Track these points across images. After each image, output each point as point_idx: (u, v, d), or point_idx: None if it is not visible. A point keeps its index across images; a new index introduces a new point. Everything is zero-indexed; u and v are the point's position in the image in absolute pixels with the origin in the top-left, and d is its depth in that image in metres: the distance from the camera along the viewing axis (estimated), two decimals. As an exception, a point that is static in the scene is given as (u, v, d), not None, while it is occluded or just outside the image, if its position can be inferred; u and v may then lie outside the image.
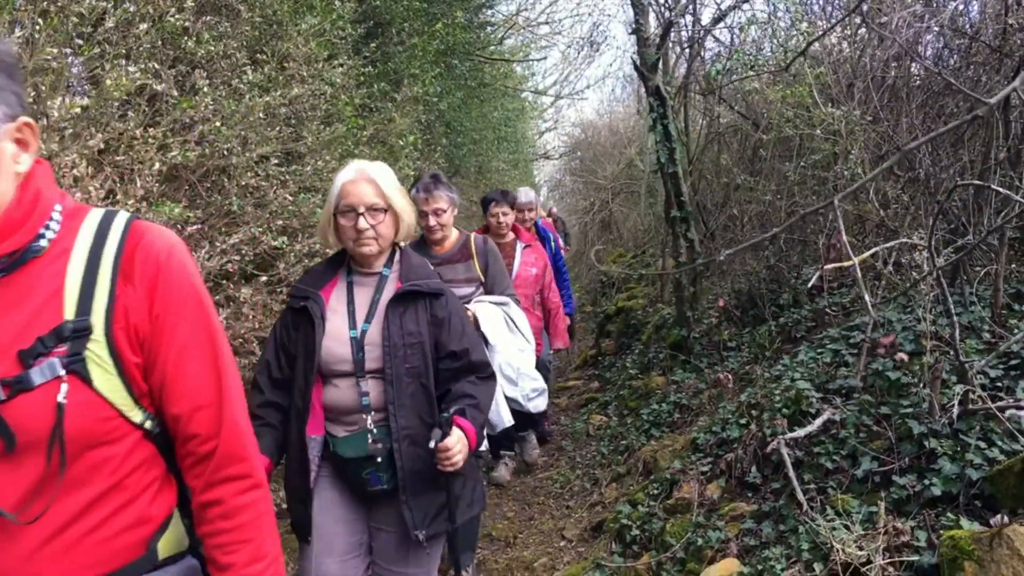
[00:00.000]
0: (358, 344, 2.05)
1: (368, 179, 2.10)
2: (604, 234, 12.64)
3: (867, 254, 2.48)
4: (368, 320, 2.09)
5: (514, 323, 3.05)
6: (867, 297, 2.44)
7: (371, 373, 2.05)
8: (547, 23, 13.17)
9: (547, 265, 4.53)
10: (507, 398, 2.87)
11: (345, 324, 2.09)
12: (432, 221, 3.16)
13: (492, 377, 2.23)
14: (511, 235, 4.39)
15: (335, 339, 2.06)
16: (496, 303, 3.06)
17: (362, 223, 2.06)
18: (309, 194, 3.84)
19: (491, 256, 3.31)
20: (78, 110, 2.17)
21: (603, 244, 12.46)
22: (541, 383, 3.08)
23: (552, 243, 5.23)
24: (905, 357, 2.73)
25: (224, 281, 3.32)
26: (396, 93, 5.36)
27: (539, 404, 3.08)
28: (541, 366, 4.88)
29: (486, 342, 2.86)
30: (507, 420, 2.77)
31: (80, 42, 2.33)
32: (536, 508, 4.56)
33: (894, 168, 4.27)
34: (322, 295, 2.11)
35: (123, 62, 2.48)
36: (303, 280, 2.20)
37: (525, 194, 5.26)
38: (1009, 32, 3.40)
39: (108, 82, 2.34)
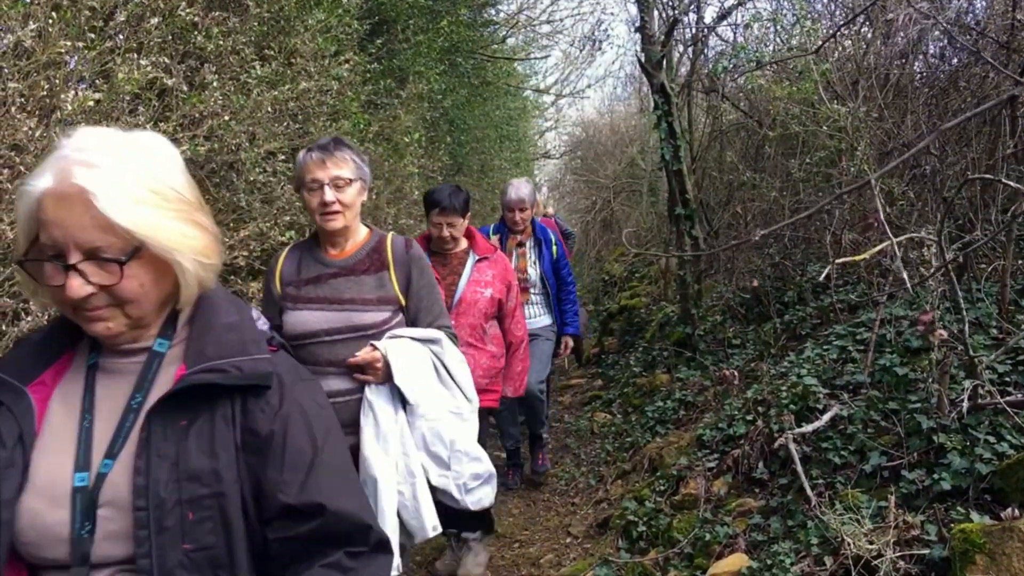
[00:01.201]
0: (86, 504, 1.03)
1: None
2: (605, 233, 12.64)
3: (878, 248, 2.49)
4: (113, 451, 1.06)
5: (447, 371, 2.25)
6: (905, 277, 2.43)
7: (111, 568, 1.03)
8: (549, 22, 13.18)
9: (511, 287, 3.47)
10: (433, 488, 2.19)
11: (68, 460, 1.06)
12: (329, 196, 2.14)
13: (381, 551, 1.14)
14: (463, 242, 3.39)
15: (44, 494, 1.04)
16: (422, 339, 2.22)
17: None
18: (316, 190, 3.84)
19: (417, 268, 2.34)
20: (92, 104, 2.17)
21: (604, 243, 12.48)
22: (485, 465, 2.32)
23: (554, 246, 4.57)
24: (944, 334, 2.71)
25: (232, 276, 3.33)
26: (401, 90, 5.37)
27: (482, 497, 2.30)
28: (531, 400, 4.45)
29: (403, 401, 2.12)
30: (429, 527, 2.14)
31: (92, 36, 2.34)
32: (542, 505, 4.57)
33: (900, 164, 4.27)
34: (32, 394, 1.09)
35: (134, 56, 2.48)
36: (4, 360, 1.15)
37: (517, 189, 4.37)
38: (1017, 28, 3.41)
39: (120, 76, 2.35)
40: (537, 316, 4.53)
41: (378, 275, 2.28)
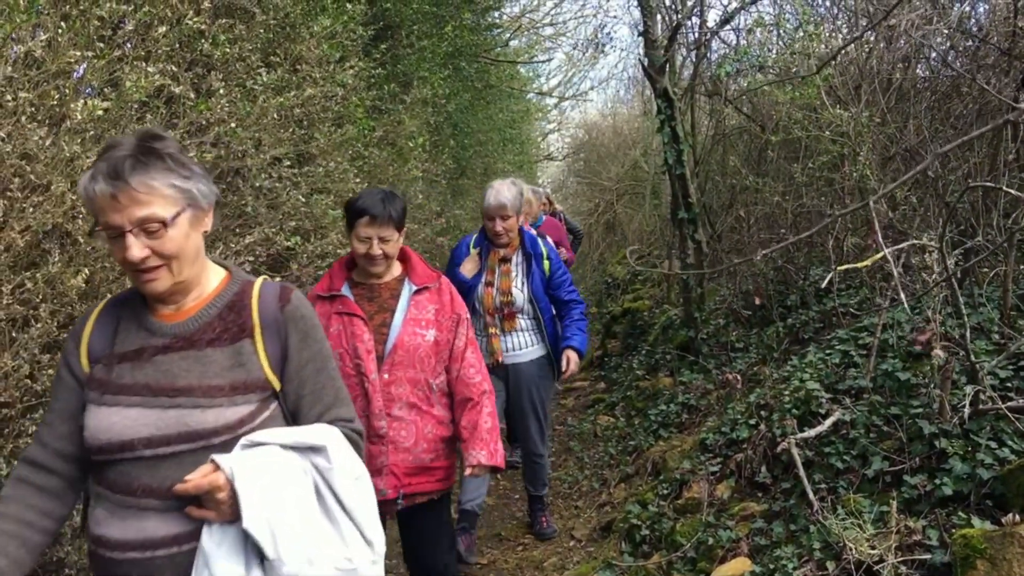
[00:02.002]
0: None
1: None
2: (609, 235, 12.66)
3: (878, 256, 2.50)
4: None
5: (337, 498, 1.44)
6: (902, 297, 2.45)
7: None
8: (552, 24, 13.22)
9: (461, 322, 2.61)
10: None
11: None
12: (135, 251, 1.35)
13: None
14: (396, 268, 2.61)
15: None
16: (298, 447, 1.44)
17: None
18: (321, 195, 3.88)
19: (297, 331, 1.54)
20: (100, 112, 2.20)
21: (607, 245, 12.50)
22: None
23: (546, 261, 3.76)
24: (942, 353, 2.74)
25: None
26: (405, 95, 5.39)
27: None
28: (529, 462, 3.89)
29: (261, 557, 1.34)
30: None
31: (101, 45, 2.36)
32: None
33: (902, 169, 4.29)
34: None
35: (142, 64, 2.51)
36: None
37: (497, 192, 3.57)
38: (1018, 35, 3.42)
39: (128, 84, 2.37)
40: (526, 346, 3.72)
41: (235, 346, 1.47)
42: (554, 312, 3.80)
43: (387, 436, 2.45)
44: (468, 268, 3.63)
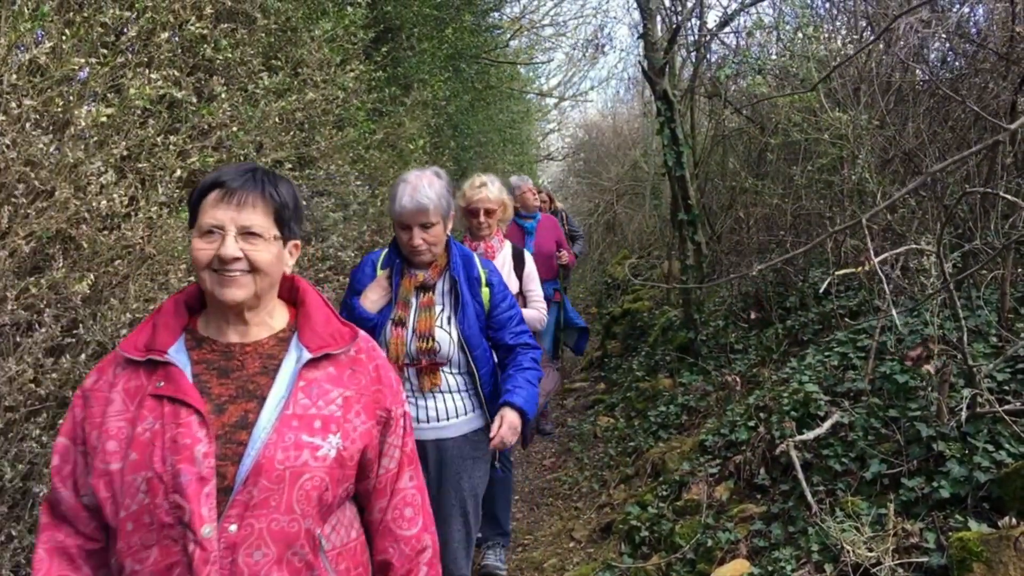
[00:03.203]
0: None
1: None
2: (609, 236, 12.68)
3: (878, 259, 2.52)
4: None
5: None
6: (895, 313, 2.46)
7: None
8: (551, 25, 13.24)
9: (396, 424, 1.52)
10: None
11: None
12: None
13: None
14: (278, 314, 1.50)
15: None
16: None
17: None
18: (322, 198, 3.89)
19: None
20: (104, 119, 2.22)
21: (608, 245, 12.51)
22: None
23: (486, 287, 2.61)
24: (932, 369, 2.76)
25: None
26: (406, 97, 5.41)
27: None
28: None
29: None
30: None
31: (104, 52, 2.38)
32: (545, 509, 4.60)
33: (901, 171, 4.31)
34: None
35: (145, 70, 2.53)
36: None
37: (414, 191, 2.40)
38: (1016, 39, 3.44)
39: (131, 91, 2.39)
40: (455, 415, 2.56)
41: None
42: (495, 363, 2.66)
43: None
44: (372, 299, 2.47)
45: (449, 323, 2.48)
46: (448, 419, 2.54)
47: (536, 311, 3.64)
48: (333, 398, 1.40)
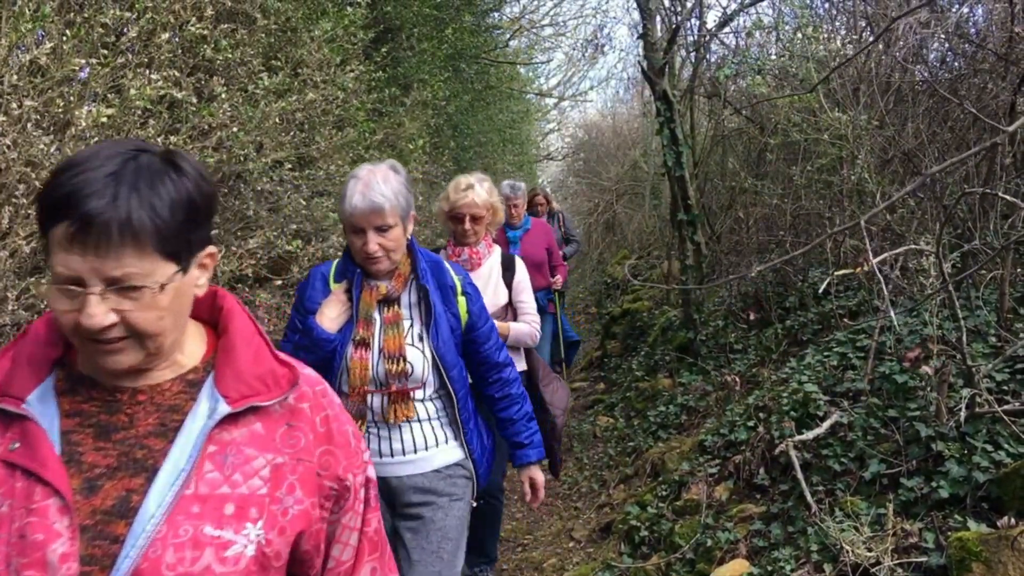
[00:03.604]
0: None
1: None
2: (608, 235, 12.68)
3: (877, 260, 2.52)
4: None
5: None
6: (893, 316, 2.47)
7: None
8: (551, 25, 13.25)
9: (354, 498, 1.11)
10: None
11: None
12: None
13: None
14: (189, 346, 1.06)
15: None
16: None
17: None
18: (322, 198, 3.90)
19: None
20: (105, 119, 2.22)
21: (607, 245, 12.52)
22: None
23: (461, 296, 2.25)
24: (930, 371, 2.77)
25: (239, 284, 3.38)
26: (406, 97, 5.42)
27: None
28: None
29: None
30: None
31: (105, 52, 2.39)
32: (544, 509, 4.60)
33: (900, 171, 4.32)
34: None
35: (145, 71, 2.53)
36: None
37: (367, 188, 2.05)
38: (1015, 40, 3.44)
39: (132, 91, 2.39)
40: (431, 445, 2.18)
41: None
42: (470, 384, 2.29)
43: None
44: (330, 316, 2.11)
45: (421, 340, 2.11)
46: (420, 451, 2.14)
47: (527, 325, 3.16)
48: (256, 468, 0.97)
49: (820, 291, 3.86)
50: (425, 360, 2.10)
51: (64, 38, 2.24)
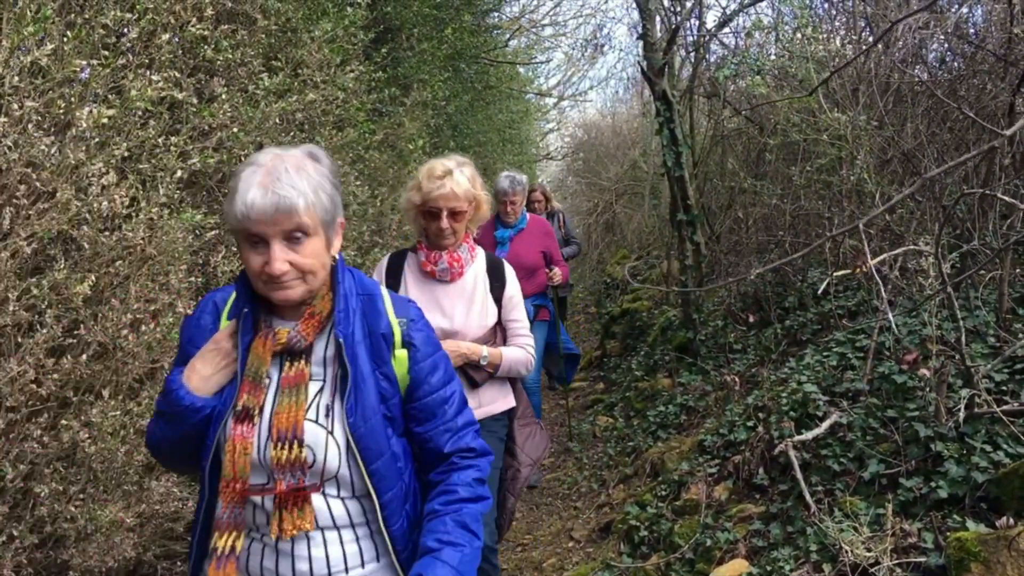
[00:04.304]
0: None
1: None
2: (608, 235, 12.68)
3: (876, 260, 2.53)
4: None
5: None
6: (891, 318, 2.48)
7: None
8: (551, 24, 13.26)
9: None
10: None
11: None
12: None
13: None
14: None
15: None
16: None
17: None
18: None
19: None
20: (105, 120, 2.23)
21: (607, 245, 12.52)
22: None
23: (399, 348, 1.55)
24: (928, 373, 2.78)
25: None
26: (406, 97, 5.42)
27: None
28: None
29: None
30: None
31: (106, 53, 2.39)
32: (544, 509, 4.61)
33: (899, 172, 4.32)
34: None
35: (146, 72, 2.53)
36: None
37: (292, 178, 1.36)
38: (1014, 40, 3.45)
39: (133, 92, 2.40)
40: (345, 568, 1.46)
41: None
42: (411, 479, 1.57)
43: None
44: (203, 373, 1.46)
45: (330, 415, 1.43)
46: None
47: (521, 350, 2.58)
48: None
49: (819, 291, 3.86)
50: (335, 445, 1.41)
51: (65, 39, 2.24)
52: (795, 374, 3.67)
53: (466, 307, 2.50)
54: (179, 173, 2.64)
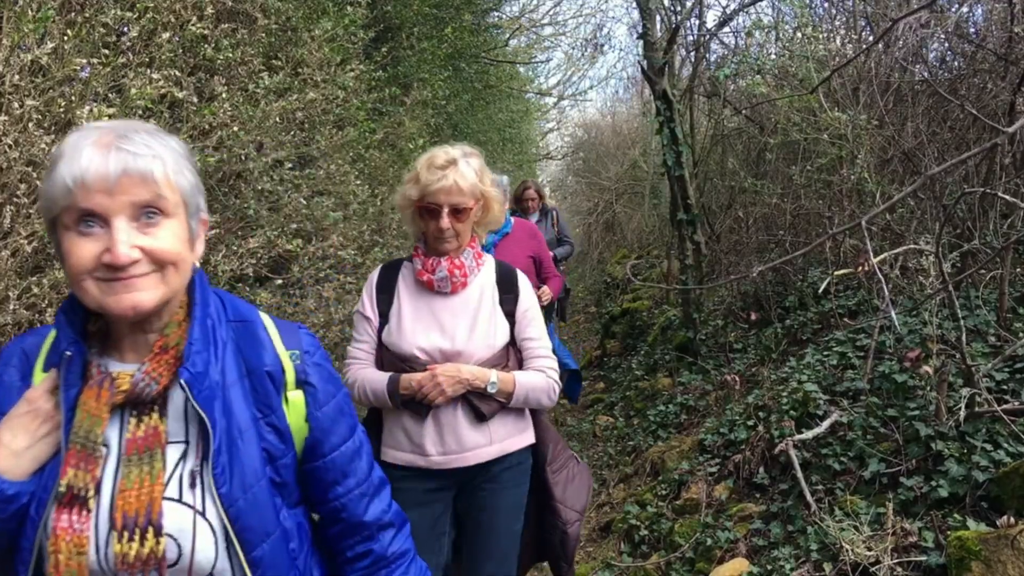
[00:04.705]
0: None
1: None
2: (608, 235, 12.68)
3: (876, 259, 2.53)
4: None
5: None
6: (894, 318, 2.48)
7: None
8: (551, 24, 13.26)
9: None
10: None
11: None
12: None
13: None
14: None
15: None
16: None
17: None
18: (322, 197, 3.90)
19: None
20: (106, 119, 2.22)
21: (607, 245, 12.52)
22: None
23: (287, 417, 1.18)
24: (930, 370, 2.77)
25: (239, 284, 3.38)
26: (406, 97, 5.42)
27: None
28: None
29: None
30: None
31: (106, 52, 2.39)
32: (544, 508, 4.61)
33: (900, 171, 4.32)
34: None
35: (146, 70, 2.53)
36: None
37: (147, 139, 1.00)
38: (1015, 40, 3.45)
39: (133, 91, 2.40)
40: None
41: None
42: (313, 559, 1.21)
43: None
44: (13, 448, 1.00)
45: (197, 486, 1.04)
46: None
47: (540, 374, 2.12)
48: None
49: (820, 291, 3.85)
50: (208, 529, 1.03)
51: (65, 38, 2.24)
52: (795, 373, 3.67)
53: (470, 323, 2.06)
54: (179, 172, 2.63)
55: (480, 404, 2.02)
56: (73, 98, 2.27)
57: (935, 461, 2.61)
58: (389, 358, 2.06)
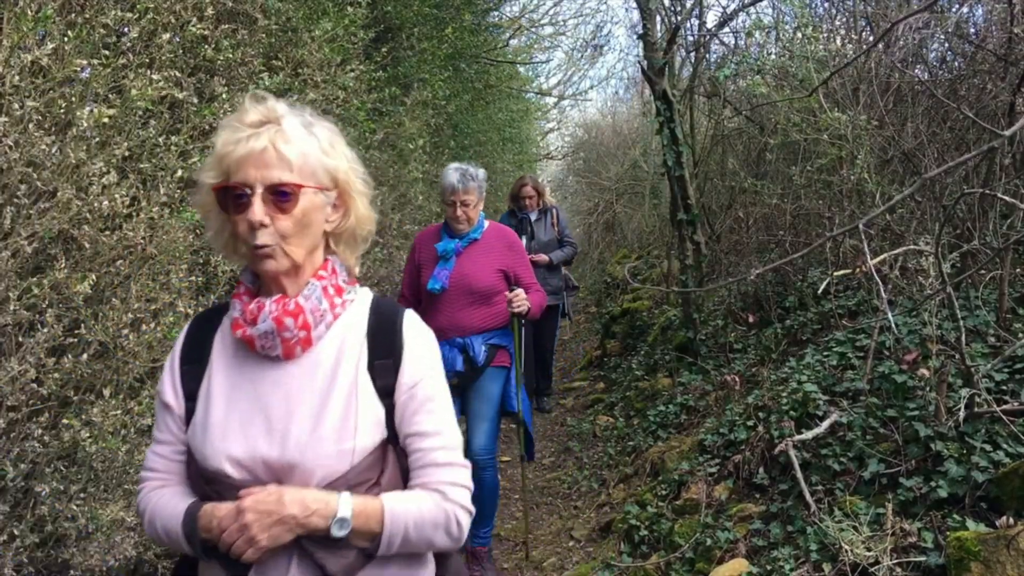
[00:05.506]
0: None
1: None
2: (608, 235, 12.68)
3: (875, 260, 2.53)
4: None
5: None
6: (891, 319, 2.48)
7: None
8: (551, 24, 13.24)
9: None
10: None
11: None
12: None
13: None
14: None
15: None
16: None
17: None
18: (322, 198, 3.89)
19: None
20: (106, 120, 2.23)
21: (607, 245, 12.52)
22: None
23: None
24: (927, 372, 2.78)
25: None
26: (406, 97, 5.42)
27: None
28: None
29: None
30: None
31: (106, 53, 2.39)
32: (544, 508, 4.61)
33: (900, 171, 4.32)
34: None
35: (146, 71, 2.53)
36: None
37: None
38: (1015, 40, 3.45)
39: (133, 92, 2.40)
40: None
41: None
42: None
43: None
44: None
45: None
46: None
47: (434, 499, 1.29)
48: None
49: (820, 291, 3.85)
50: None
51: (65, 39, 2.24)
52: (795, 374, 3.67)
53: (314, 412, 1.24)
54: (180, 172, 2.64)
55: (324, 557, 1.20)
56: (73, 99, 2.27)
57: (934, 462, 2.61)
58: (195, 473, 1.28)
